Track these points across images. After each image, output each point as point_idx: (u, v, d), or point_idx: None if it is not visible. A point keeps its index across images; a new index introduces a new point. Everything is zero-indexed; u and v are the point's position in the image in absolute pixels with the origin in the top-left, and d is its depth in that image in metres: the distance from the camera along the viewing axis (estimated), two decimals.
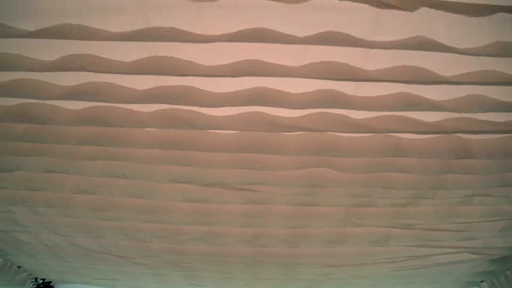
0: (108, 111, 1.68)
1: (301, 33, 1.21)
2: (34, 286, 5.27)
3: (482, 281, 4.68)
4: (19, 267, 4.57)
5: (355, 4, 1.06)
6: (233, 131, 1.64)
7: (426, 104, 1.50)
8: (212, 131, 1.70)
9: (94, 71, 1.42)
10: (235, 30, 1.21)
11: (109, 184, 2.27)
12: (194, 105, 1.48)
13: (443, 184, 1.92)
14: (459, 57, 1.43)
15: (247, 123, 1.56)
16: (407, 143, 1.75)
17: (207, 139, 1.68)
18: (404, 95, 1.55)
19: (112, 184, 2.27)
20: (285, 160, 1.72)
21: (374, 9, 1.12)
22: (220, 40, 1.23)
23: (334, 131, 1.56)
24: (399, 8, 1.07)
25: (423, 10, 1.08)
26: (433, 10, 1.06)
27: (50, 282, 5.17)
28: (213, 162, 1.75)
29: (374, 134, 1.71)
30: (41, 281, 5.13)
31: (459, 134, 1.74)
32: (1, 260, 4.17)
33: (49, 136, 1.77)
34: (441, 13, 1.07)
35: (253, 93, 1.49)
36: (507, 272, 4.32)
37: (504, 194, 2.15)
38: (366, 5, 1.08)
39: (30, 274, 4.92)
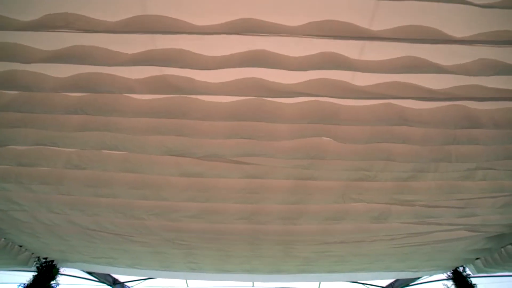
0: (96, 76, 1.58)
1: None
2: (37, 265, 5.35)
3: (477, 259, 4.76)
4: (20, 246, 4.61)
5: None
6: (228, 97, 1.55)
7: (432, 67, 1.41)
8: (205, 98, 1.61)
9: (78, 31, 1.33)
10: None
11: (102, 158, 2.20)
12: (186, 68, 1.37)
13: (446, 157, 1.86)
14: (470, 16, 1.35)
15: (243, 89, 1.47)
16: (411, 112, 1.66)
17: (200, 107, 1.59)
18: (411, 58, 1.45)
19: (105, 158, 2.21)
20: (283, 129, 1.64)
21: None
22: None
23: (335, 97, 1.47)
24: None
25: None
26: None
27: (52, 261, 5.23)
28: (207, 132, 1.67)
29: (377, 102, 1.62)
30: (44, 260, 5.20)
31: (466, 104, 1.67)
32: (2, 239, 4.19)
33: (36, 105, 1.68)
34: None
35: (250, 54, 1.39)
36: (502, 249, 4.37)
37: (507, 167, 2.09)
38: None
39: (32, 254, 4.97)
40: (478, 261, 4.80)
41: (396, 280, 6.93)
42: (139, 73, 1.60)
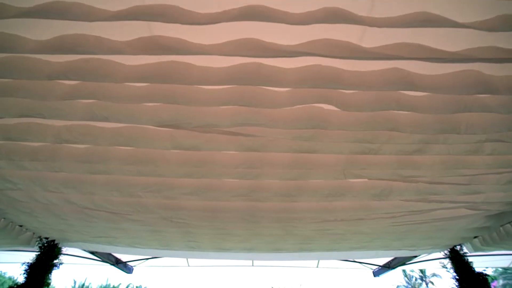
0: (81, 38, 1.45)
1: None
2: (40, 245, 5.40)
3: (475, 237, 4.79)
4: (20, 226, 4.62)
5: None
6: (224, 61, 1.42)
7: (447, 22, 1.28)
8: (199, 62, 1.49)
9: None
10: None
11: (92, 132, 2.10)
12: (175, 22, 1.24)
13: (455, 127, 1.75)
14: None
15: (239, 49, 1.34)
16: (419, 77, 1.53)
17: (194, 71, 1.47)
18: (424, 14, 1.32)
19: (96, 132, 2.11)
20: (282, 95, 1.53)
21: None
22: None
23: (339, 58, 1.34)
24: None
25: None
26: None
27: (53, 240, 5.28)
28: (201, 99, 1.55)
29: (384, 67, 1.50)
30: (45, 240, 5.24)
31: (480, 68, 1.55)
32: (2, 219, 4.19)
33: (16, 69, 1.56)
34: None
35: (248, 9, 1.26)
36: (501, 228, 4.37)
37: None
38: None
39: (33, 233, 5.00)
40: (476, 239, 4.83)
41: (394, 259, 7.04)
42: (128, 35, 1.48)
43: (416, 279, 45.28)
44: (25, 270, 5.07)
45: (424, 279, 44.63)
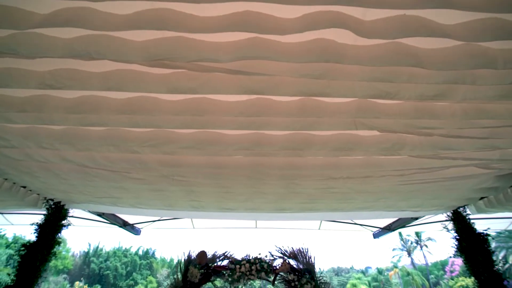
0: None
1: None
2: (47, 207, 5.50)
3: (480, 198, 4.74)
4: (24, 187, 4.63)
5: None
6: None
7: None
8: None
9: None
10: None
11: (78, 76, 1.90)
12: None
13: (491, 62, 1.50)
14: None
15: None
16: None
17: None
18: None
19: (82, 76, 1.90)
20: (291, 20, 1.28)
21: None
22: None
23: None
24: None
25: None
26: None
27: (59, 202, 5.35)
28: (195, 25, 1.32)
29: None
30: (51, 201, 5.31)
31: None
32: (5, 181, 4.18)
33: None
34: None
35: None
36: (509, 189, 4.28)
37: None
38: None
39: (39, 195, 5.03)
40: (481, 201, 4.79)
41: (394, 221, 7.15)
42: None
43: (411, 243, 47.49)
44: (36, 230, 5.23)
45: (419, 242, 46.76)
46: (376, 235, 8.15)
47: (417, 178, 3.35)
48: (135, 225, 7.85)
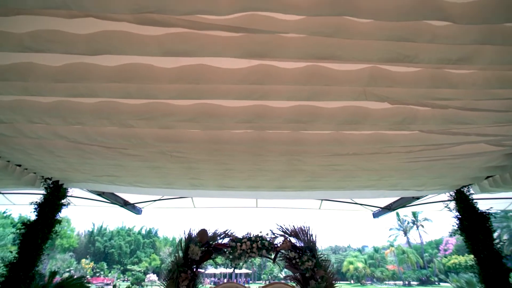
0: None
1: None
2: (45, 186, 5.44)
3: (487, 177, 4.65)
4: (19, 165, 4.54)
5: None
6: None
7: None
8: None
9: None
10: None
11: (60, 38, 1.71)
12: None
13: None
14: None
15: None
16: None
17: None
18: None
19: (65, 38, 1.71)
20: None
21: None
22: None
23: None
24: None
25: None
26: None
27: (58, 181, 5.29)
28: None
29: None
30: (50, 181, 5.24)
31: None
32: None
33: None
34: None
35: None
36: None
37: None
38: None
39: (35, 173, 4.95)
40: (486, 181, 4.72)
41: (395, 201, 7.15)
42: None
43: (408, 223, 48.69)
44: (35, 209, 5.20)
45: (415, 222, 47.95)
46: (376, 215, 8.19)
47: (425, 155, 3.22)
48: (136, 204, 7.87)
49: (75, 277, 6.52)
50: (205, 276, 37.90)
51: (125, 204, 7.57)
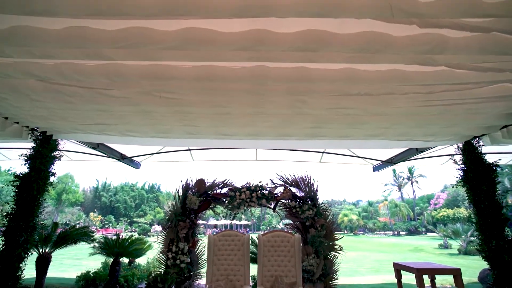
0: None
1: None
2: (33, 138, 5.19)
3: (502, 128, 4.39)
4: None
5: None
6: None
7: None
8: None
9: None
10: None
11: None
12: None
13: None
14: None
15: None
16: None
17: None
18: None
19: None
20: None
21: None
22: None
23: None
24: None
25: None
26: None
27: (45, 132, 5.02)
28: None
29: None
30: (37, 131, 4.97)
31: None
32: None
33: None
34: None
35: None
36: None
37: None
38: None
39: (18, 123, 4.63)
40: (499, 132, 4.47)
41: (396, 155, 7.03)
42: None
43: (403, 179, 50.36)
44: (26, 161, 5.02)
45: (410, 178, 49.59)
46: (376, 168, 8.15)
47: (445, 98, 2.88)
48: (133, 158, 7.74)
49: (78, 227, 6.68)
50: (207, 227, 40.34)
51: (122, 158, 7.43)
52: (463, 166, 4.93)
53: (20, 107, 3.61)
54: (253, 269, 3.74)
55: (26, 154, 5.09)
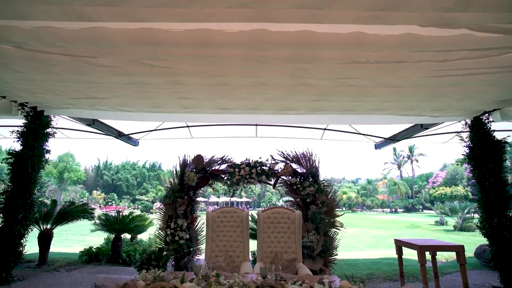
0: None
1: None
2: (24, 114, 5.00)
3: None
4: None
5: None
6: None
7: None
8: None
9: None
10: None
11: None
12: None
13: None
14: None
15: None
16: None
17: None
18: None
19: None
20: None
21: None
22: None
23: None
24: None
25: None
26: None
27: (36, 107, 4.82)
28: None
29: None
30: (26, 106, 4.77)
31: None
32: None
33: None
34: None
35: None
36: None
37: None
38: None
39: (4, 97, 4.41)
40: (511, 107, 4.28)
41: (400, 132, 6.86)
42: None
43: (403, 157, 50.60)
44: (18, 138, 4.87)
45: (410, 157, 49.81)
46: (378, 146, 8.01)
47: (461, 67, 2.64)
48: (131, 135, 7.58)
49: (77, 204, 6.69)
50: (208, 205, 41.19)
51: (119, 135, 7.28)
52: (470, 143, 4.79)
53: (2, 79, 3.38)
54: (253, 246, 3.72)
55: (18, 131, 4.94)
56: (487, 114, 4.55)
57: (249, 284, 1.29)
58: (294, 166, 4.16)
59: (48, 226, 6.25)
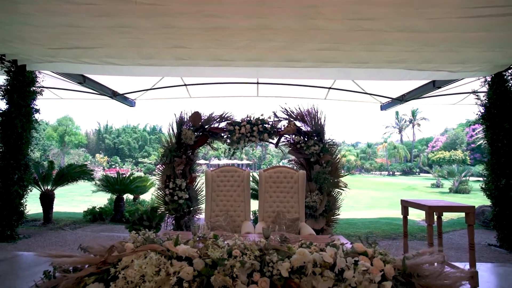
0: None
1: None
2: (5, 69, 4.61)
3: None
4: None
5: None
6: None
7: None
8: None
9: None
10: None
11: None
12: None
13: None
14: None
15: None
16: None
17: None
18: None
19: None
20: None
21: None
22: None
23: None
24: None
25: None
26: None
27: (16, 61, 4.42)
28: None
29: None
30: (4, 59, 4.35)
31: None
32: None
33: None
34: None
35: None
36: None
37: None
38: None
39: None
40: None
41: (409, 92, 6.49)
42: None
43: (405, 121, 50.14)
44: (2, 95, 4.56)
45: (413, 121, 49.32)
46: (384, 107, 7.67)
47: (500, 3, 2.23)
48: (126, 95, 7.22)
49: (75, 165, 6.60)
50: (209, 167, 41.95)
51: (114, 94, 6.92)
52: (487, 101, 4.47)
53: None
54: (254, 206, 3.64)
55: (1, 87, 4.60)
56: (510, 70, 4.16)
57: (251, 247, 1.12)
58: (298, 124, 3.90)
59: (49, 187, 6.23)
